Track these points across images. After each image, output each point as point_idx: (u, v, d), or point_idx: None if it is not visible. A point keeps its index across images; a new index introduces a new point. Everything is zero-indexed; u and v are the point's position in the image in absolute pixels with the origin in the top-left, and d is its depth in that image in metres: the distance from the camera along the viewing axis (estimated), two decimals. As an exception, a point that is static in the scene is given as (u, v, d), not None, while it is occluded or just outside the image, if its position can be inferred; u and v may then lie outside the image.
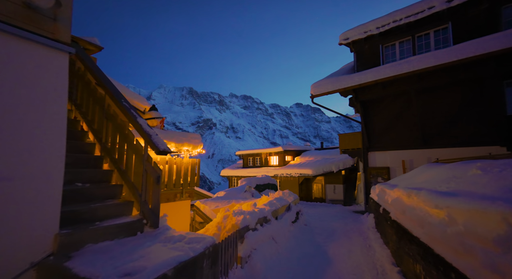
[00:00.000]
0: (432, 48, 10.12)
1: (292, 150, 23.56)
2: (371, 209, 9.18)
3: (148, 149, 3.33)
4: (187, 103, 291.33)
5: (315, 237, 7.01)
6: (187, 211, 6.21)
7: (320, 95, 12.67)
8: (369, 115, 12.45)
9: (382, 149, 11.99)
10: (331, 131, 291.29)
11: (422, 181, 5.09)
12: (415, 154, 10.71)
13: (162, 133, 5.43)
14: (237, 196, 14.00)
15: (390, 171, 11.65)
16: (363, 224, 8.84)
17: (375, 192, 8.58)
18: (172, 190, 5.87)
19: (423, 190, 3.71)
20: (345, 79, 11.64)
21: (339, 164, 19.06)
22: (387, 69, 10.19)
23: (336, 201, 19.07)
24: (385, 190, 6.52)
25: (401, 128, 11.27)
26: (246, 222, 4.25)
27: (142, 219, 3.09)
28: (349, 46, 12.76)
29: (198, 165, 6.51)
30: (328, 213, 12.81)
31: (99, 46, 4.96)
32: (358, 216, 11.58)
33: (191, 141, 6.00)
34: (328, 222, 9.81)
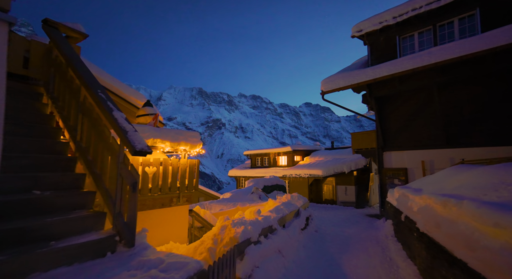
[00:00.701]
0: (457, 38, 9.22)
1: (301, 150, 22.77)
2: (389, 214, 8.39)
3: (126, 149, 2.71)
4: (197, 104, 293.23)
5: (327, 246, 6.30)
6: (185, 217, 5.61)
7: (331, 91, 11.91)
8: (384, 113, 11.60)
9: (399, 149, 11.13)
10: (341, 131, 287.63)
11: (456, 186, 4.33)
12: (436, 154, 9.83)
13: (155, 131, 4.86)
14: (243, 198, 13.38)
15: (408, 172, 10.79)
16: (379, 230, 8.06)
17: (393, 196, 7.80)
18: (168, 194, 5.28)
19: (465, 200, 2.98)
20: (359, 74, 10.84)
21: (350, 164, 18.19)
22: (405, 62, 9.36)
23: (348, 203, 18.21)
24: (407, 195, 5.75)
25: (420, 126, 10.39)
26: (247, 234, 3.61)
27: (115, 236, 2.49)
28: (363, 38, 11.93)
29: (197, 166, 5.90)
30: (340, 217, 12.03)
31: (83, 33, 4.42)
32: (373, 220, 10.76)
33: (188, 140, 5.41)
34: (341, 227, 9.06)
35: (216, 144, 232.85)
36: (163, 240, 5.07)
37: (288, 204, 6.33)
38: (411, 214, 5.06)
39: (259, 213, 4.76)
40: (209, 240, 3.68)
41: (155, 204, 5.03)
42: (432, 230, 3.66)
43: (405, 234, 5.67)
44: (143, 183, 4.77)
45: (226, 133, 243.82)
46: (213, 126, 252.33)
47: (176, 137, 5.23)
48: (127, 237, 2.48)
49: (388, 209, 8.39)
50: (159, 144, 4.94)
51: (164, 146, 5.03)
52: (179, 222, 5.51)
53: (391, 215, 7.79)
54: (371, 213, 13.35)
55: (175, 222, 5.44)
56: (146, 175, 4.82)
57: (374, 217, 11.72)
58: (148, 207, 4.91)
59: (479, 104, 8.84)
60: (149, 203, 4.92)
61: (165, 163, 5.18)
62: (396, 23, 10.44)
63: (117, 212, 2.59)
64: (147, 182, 4.83)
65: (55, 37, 3.73)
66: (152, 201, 4.98)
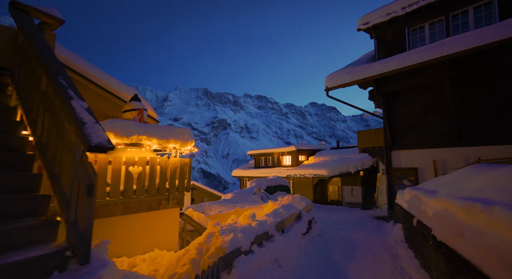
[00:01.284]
0: (472, 28, 8.59)
1: (306, 149, 22.21)
2: (398, 217, 7.82)
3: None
4: (202, 104, 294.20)
5: (332, 253, 5.78)
6: (175, 220, 5.17)
7: (335, 88, 11.36)
8: (392, 110, 11.00)
9: (408, 147, 10.51)
10: (347, 130, 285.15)
11: (477, 188, 3.78)
12: (449, 152, 9.20)
13: (140, 127, 4.43)
14: (244, 199, 12.92)
15: (418, 172, 10.17)
16: (388, 235, 7.50)
17: (403, 197, 7.23)
18: (156, 196, 4.84)
19: (497, 205, 2.45)
20: (365, 69, 10.28)
21: (357, 164, 17.60)
22: (415, 54, 8.77)
23: (354, 204, 17.60)
24: (420, 197, 5.20)
25: (432, 124, 9.77)
26: (236, 243, 3.14)
27: (65, 250, 2.04)
28: (369, 32, 11.35)
29: (189, 166, 5.46)
30: (346, 219, 11.47)
31: (58, 19, 4.01)
32: (381, 223, 10.18)
33: (178, 137, 4.96)
34: (346, 231, 8.52)
35: (221, 144, 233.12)
36: (149, 246, 4.64)
37: (289, 207, 5.84)
38: (425, 219, 4.52)
39: (253, 217, 4.28)
40: (194, 249, 3.22)
41: (141, 207, 4.60)
42: (453, 239, 3.13)
43: (417, 241, 5.12)
44: (127, 184, 4.34)
45: (232, 133, 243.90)
46: (218, 126, 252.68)
47: (164, 134, 4.79)
48: (81, 252, 2.02)
49: (398, 212, 7.82)
50: (145, 141, 4.51)
51: (151, 143, 4.59)
52: (169, 226, 5.07)
53: (401, 218, 7.23)
54: (379, 215, 12.75)
55: (164, 226, 4.99)
56: (130, 175, 4.39)
57: (381, 220, 11.13)
58: (132, 211, 4.48)
59: (496, 99, 8.20)
60: (133, 206, 4.49)
61: (153, 161, 4.74)
62: (405, 14, 9.84)
63: (71, 220, 2.14)
64: (131, 183, 4.39)
65: (20, 20, 3.32)
66: (137, 204, 4.55)
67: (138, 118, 4.66)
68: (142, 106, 5.00)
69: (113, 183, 4.14)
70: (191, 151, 5.58)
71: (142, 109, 4.74)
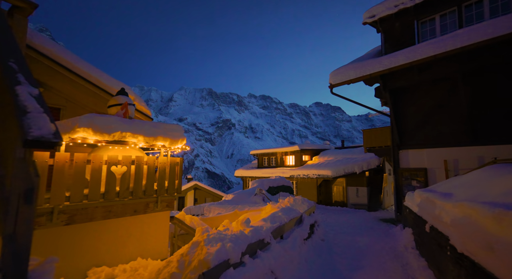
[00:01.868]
0: (487, 19, 8.03)
1: (309, 149, 21.69)
2: (407, 221, 7.31)
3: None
4: (207, 104, 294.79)
5: (336, 261, 5.31)
6: (165, 225, 4.76)
7: (340, 84, 10.86)
8: (400, 107, 10.46)
9: (417, 147, 9.97)
10: (352, 130, 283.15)
11: (504, 191, 3.28)
12: (461, 152, 8.64)
13: (124, 123, 4.02)
14: (245, 200, 12.48)
15: (428, 173, 9.62)
16: (397, 240, 6.99)
17: (413, 200, 6.73)
18: (142, 199, 4.43)
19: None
20: (371, 64, 9.76)
21: (362, 164, 17.06)
22: (425, 48, 8.24)
23: (359, 206, 17.05)
24: (433, 200, 4.70)
25: (442, 122, 9.21)
26: (224, 254, 2.70)
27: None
28: (376, 25, 10.83)
29: (180, 166, 5.04)
30: (351, 222, 10.96)
31: (31, 3, 3.64)
32: (388, 226, 9.65)
33: (167, 134, 4.55)
34: (352, 235, 8.02)
35: (226, 144, 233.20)
36: (135, 254, 4.23)
37: (289, 210, 5.38)
38: (441, 226, 4.03)
39: (248, 223, 3.84)
40: (176, 261, 2.80)
41: (125, 210, 4.19)
42: (479, 253, 2.65)
43: (431, 249, 4.62)
44: (109, 186, 3.94)
45: (236, 133, 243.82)
46: (223, 126, 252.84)
47: (151, 131, 4.38)
48: (14, 276, 1.61)
49: (407, 215, 7.31)
50: (130, 138, 4.10)
51: (136, 141, 4.19)
52: (157, 231, 4.66)
53: (411, 222, 6.72)
54: (386, 217, 12.20)
55: (152, 231, 4.58)
56: (112, 176, 3.98)
57: (389, 222, 10.60)
58: (116, 215, 4.07)
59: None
60: (117, 210, 4.08)
61: (139, 161, 4.33)
62: (414, 5, 9.30)
63: (8, 233, 1.72)
64: (113, 184, 3.99)
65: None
66: (121, 207, 4.15)
67: (122, 114, 4.26)
68: (127, 100, 4.59)
69: (92, 184, 3.74)
70: (183, 150, 5.17)
71: (126, 103, 4.33)
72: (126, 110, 4.30)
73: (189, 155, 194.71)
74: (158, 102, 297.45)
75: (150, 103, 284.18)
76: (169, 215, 4.87)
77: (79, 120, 3.54)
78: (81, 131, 3.51)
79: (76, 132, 3.48)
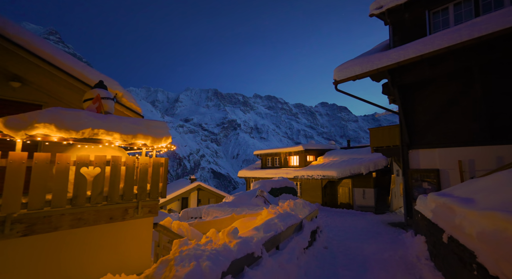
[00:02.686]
0: (507, 6, 7.35)
1: (314, 149, 21.05)
2: (419, 227, 6.68)
3: None
4: (213, 105, 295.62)
5: (340, 274, 4.73)
6: (147, 233, 4.26)
7: (345, 80, 10.25)
8: (410, 104, 9.80)
9: (428, 146, 9.31)
10: (359, 130, 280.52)
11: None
12: (478, 152, 7.96)
13: (96, 118, 3.54)
14: (246, 202, 11.96)
15: (440, 174, 8.95)
16: (408, 248, 6.37)
17: (425, 204, 6.11)
18: (120, 204, 3.94)
19: None
20: (378, 58, 9.13)
21: (369, 164, 16.38)
22: (438, 39, 7.60)
23: (366, 208, 16.38)
24: (452, 207, 4.10)
25: (456, 119, 8.54)
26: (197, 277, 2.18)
27: None
28: (383, 17, 10.19)
29: (165, 166, 4.53)
30: (357, 226, 10.34)
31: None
32: (397, 232, 9.01)
33: (149, 131, 4.05)
34: (358, 242, 7.42)
35: (231, 144, 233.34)
36: (110, 267, 3.74)
37: (287, 216, 4.84)
38: (463, 238, 3.43)
39: (235, 234, 3.29)
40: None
41: (99, 217, 3.70)
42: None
43: (450, 263, 4.02)
44: (78, 190, 3.45)
45: (242, 134, 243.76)
46: (228, 127, 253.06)
47: (130, 127, 3.88)
48: None
49: (419, 221, 6.68)
50: (104, 136, 3.61)
51: (112, 139, 3.69)
52: (138, 241, 4.16)
53: (424, 229, 6.09)
54: (394, 221, 11.54)
55: (132, 241, 4.08)
56: (82, 179, 3.50)
57: (398, 227, 9.94)
58: (87, 223, 3.58)
59: (538, 87, 6.94)
60: (88, 217, 3.59)
61: (115, 161, 3.84)
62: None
63: None
64: (84, 188, 3.50)
65: None
66: (94, 214, 3.66)
67: (94, 108, 3.77)
68: (105, 94, 4.10)
69: (57, 188, 3.26)
70: (168, 149, 4.67)
71: (98, 96, 3.84)
72: (100, 104, 3.81)
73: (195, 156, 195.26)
74: (164, 103, 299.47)
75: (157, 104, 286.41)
76: (152, 222, 4.37)
77: (39, 114, 3.06)
78: (41, 128, 3.03)
79: (34, 129, 3.00)
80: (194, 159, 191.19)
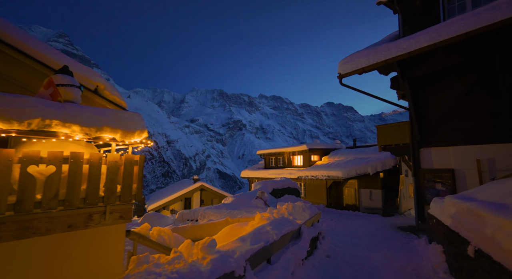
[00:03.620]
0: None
1: (318, 149, 20.29)
2: (434, 234, 5.95)
3: None
4: (218, 105, 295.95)
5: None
6: (118, 243, 3.65)
7: (350, 74, 9.56)
8: (421, 98, 9.05)
9: (442, 144, 8.55)
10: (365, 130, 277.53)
11: None
12: (499, 149, 7.19)
13: (49, 107, 2.95)
14: (245, 204, 11.31)
15: (456, 174, 8.19)
16: (422, 258, 5.65)
17: (442, 208, 5.38)
18: (81, 209, 3.34)
19: None
20: (387, 48, 8.42)
21: (376, 164, 15.56)
22: (454, 25, 6.87)
23: (373, 210, 15.58)
24: (481, 214, 3.39)
25: (474, 114, 7.77)
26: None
27: None
28: (392, 5, 9.45)
29: (140, 165, 3.92)
30: (364, 230, 9.60)
31: None
32: (408, 237, 8.25)
33: (118, 124, 3.45)
34: (365, 249, 6.71)
35: (237, 145, 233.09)
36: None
37: (282, 222, 4.18)
38: (499, 255, 2.73)
39: (211, 248, 2.63)
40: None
41: (53, 226, 3.10)
42: None
43: None
44: (24, 193, 2.86)
45: (247, 134, 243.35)
46: (234, 127, 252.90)
47: (93, 119, 3.28)
48: None
49: (434, 227, 5.95)
50: (59, 128, 3.02)
51: (70, 132, 3.10)
52: (105, 252, 3.55)
53: (440, 237, 5.37)
54: (404, 224, 10.76)
55: (98, 252, 3.48)
56: (30, 179, 2.90)
57: (408, 232, 9.17)
58: (37, 232, 2.99)
59: None
60: (39, 226, 3.00)
61: (75, 158, 3.24)
62: (438, -24, 7.91)
63: None
64: (32, 190, 2.91)
65: None
66: (46, 222, 3.06)
67: (47, 95, 3.18)
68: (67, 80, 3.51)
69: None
70: (146, 145, 4.06)
71: (51, 80, 3.22)
72: (56, 90, 3.22)
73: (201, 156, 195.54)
74: (171, 104, 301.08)
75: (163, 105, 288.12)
76: (124, 229, 3.76)
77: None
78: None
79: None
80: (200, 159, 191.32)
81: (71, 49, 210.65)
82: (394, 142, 11.38)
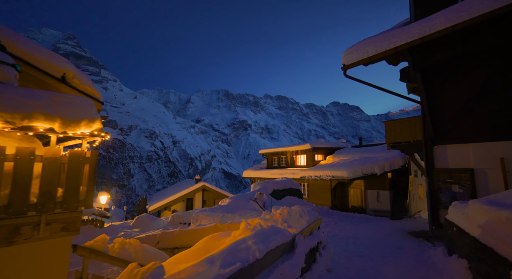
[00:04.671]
0: None
1: (322, 148, 19.38)
2: (455, 245, 5.06)
3: None
4: (223, 106, 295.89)
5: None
6: (58, 262, 2.89)
7: (355, 64, 8.70)
8: (435, 90, 8.15)
9: (459, 141, 7.64)
10: (371, 130, 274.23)
11: None
12: (528, 146, 6.25)
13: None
14: (243, 206, 10.52)
15: (475, 175, 7.27)
16: (441, 274, 4.78)
17: (466, 215, 4.51)
18: (6, 220, 2.58)
19: None
20: (397, 34, 7.55)
21: (384, 164, 14.63)
22: (476, 2, 5.97)
23: (381, 212, 14.64)
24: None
25: (497, 107, 6.85)
26: None
27: None
28: (402, -12, 8.55)
29: (92, 163, 3.15)
30: (371, 236, 8.71)
31: None
32: (422, 245, 7.35)
33: (57, 110, 2.70)
34: (372, 259, 5.85)
35: (242, 145, 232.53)
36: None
37: (271, 233, 3.37)
38: None
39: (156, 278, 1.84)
40: None
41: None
42: None
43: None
44: None
45: (252, 134, 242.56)
46: (239, 127, 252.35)
47: (19, 102, 2.53)
48: None
49: (455, 237, 5.06)
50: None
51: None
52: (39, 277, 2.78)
53: (464, 249, 4.49)
54: (415, 229, 9.83)
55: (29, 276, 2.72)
56: None
57: (421, 238, 8.25)
58: None
59: None
60: None
61: (-6, 154, 2.48)
62: (456, -50, 7.00)
63: None
64: None
65: None
66: (-49, 236, 2.31)
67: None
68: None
69: None
70: (103, 139, 3.30)
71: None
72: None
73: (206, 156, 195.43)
74: (176, 104, 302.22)
75: (169, 106, 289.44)
76: (70, 243, 3.01)
77: None
78: None
79: None
80: (205, 159, 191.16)
81: (79, 51, 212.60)
82: (404, 139, 10.45)
